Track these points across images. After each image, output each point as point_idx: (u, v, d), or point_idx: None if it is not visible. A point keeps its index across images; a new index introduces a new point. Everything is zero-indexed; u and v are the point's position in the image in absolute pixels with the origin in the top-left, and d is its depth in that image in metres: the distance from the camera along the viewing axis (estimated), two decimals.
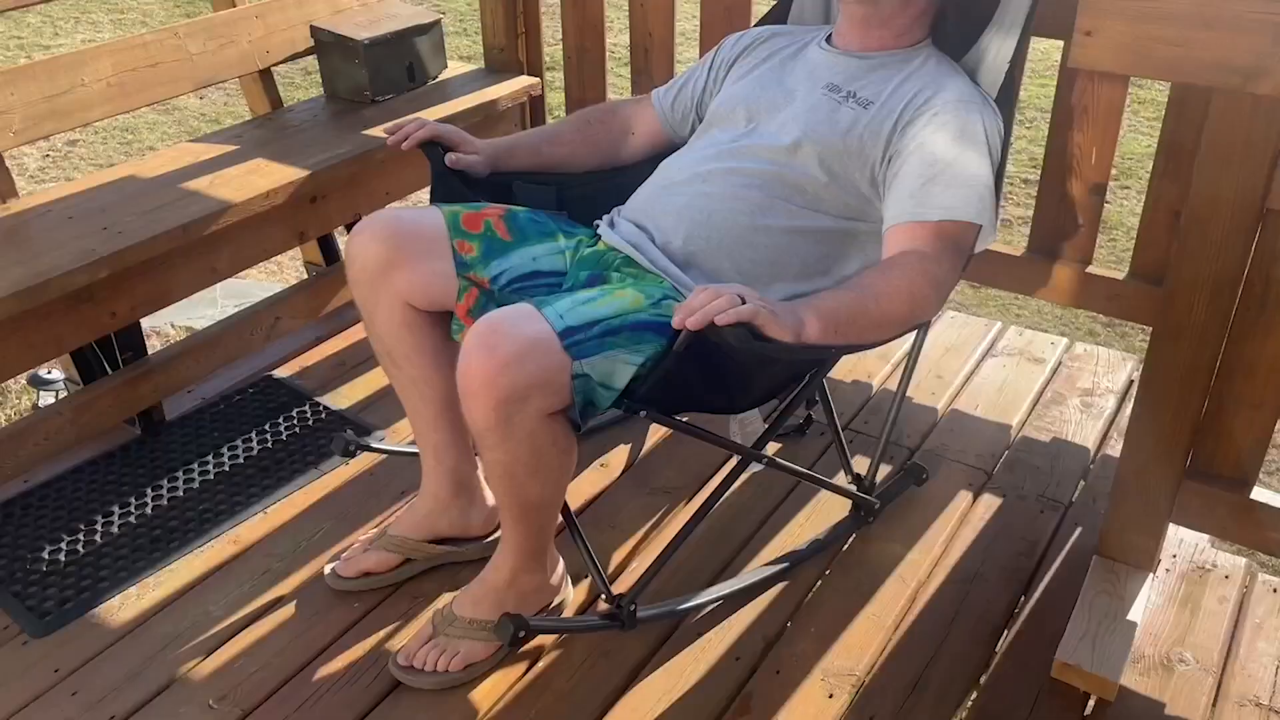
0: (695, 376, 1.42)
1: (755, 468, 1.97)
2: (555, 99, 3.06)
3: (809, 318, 1.36)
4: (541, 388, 1.38)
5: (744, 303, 1.28)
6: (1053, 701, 1.62)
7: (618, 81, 4.38)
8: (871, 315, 1.43)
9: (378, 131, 2.42)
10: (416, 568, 1.83)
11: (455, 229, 1.67)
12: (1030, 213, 2.31)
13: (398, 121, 1.81)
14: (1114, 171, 2.07)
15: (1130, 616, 1.70)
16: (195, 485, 2.05)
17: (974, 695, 1.64)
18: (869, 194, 1.63)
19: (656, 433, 2.20)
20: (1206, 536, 1.90)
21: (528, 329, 1.38)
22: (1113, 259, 3.62)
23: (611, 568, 1.87)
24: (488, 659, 1.66)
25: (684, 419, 1.57)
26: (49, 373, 2.73)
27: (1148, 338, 1.64)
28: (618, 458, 2.13)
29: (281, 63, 2.55)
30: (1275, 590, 1.82)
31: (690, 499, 2.02)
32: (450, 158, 1.78)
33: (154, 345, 3.12)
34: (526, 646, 1.70)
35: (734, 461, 1.69)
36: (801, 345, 1.35)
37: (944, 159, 1.54)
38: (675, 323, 1.28)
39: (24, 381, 2.95)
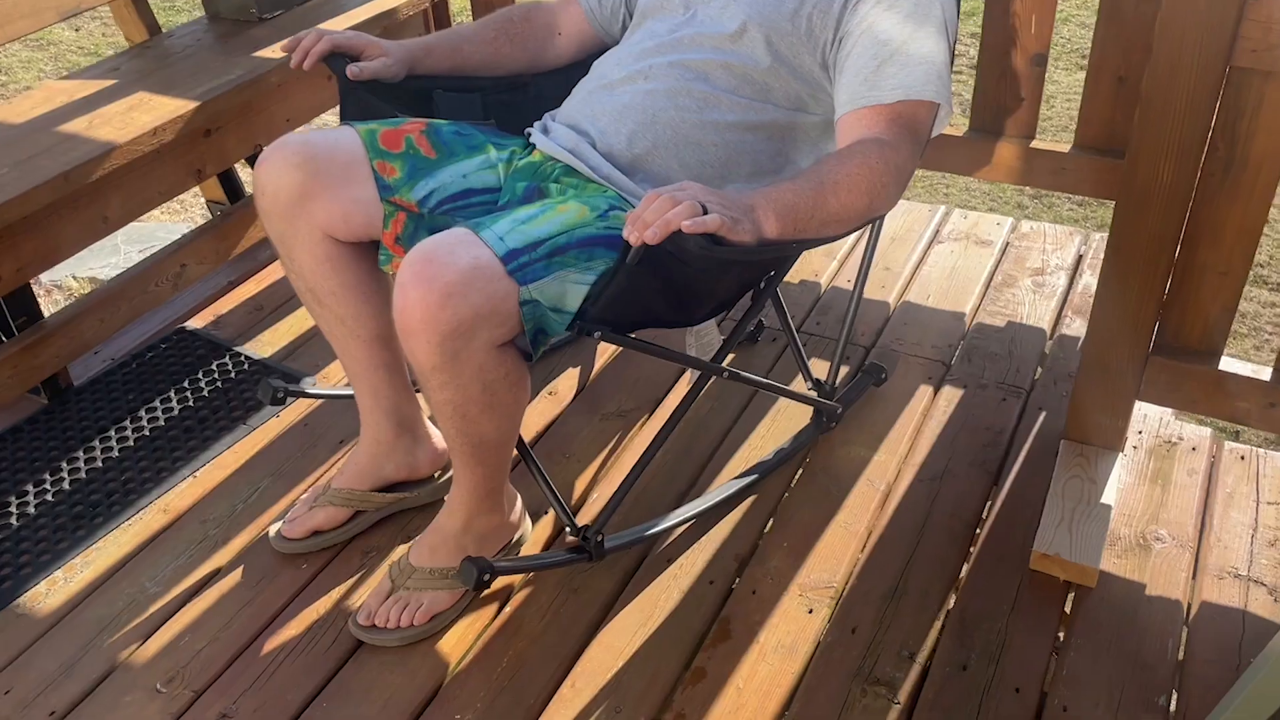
0: (649, 291, 1.33)
1: (710, 381, 1.89)
2: (458, 4, 2.88)
3: (768, 217, 1.28)
4: (488, 318, 1.28)
5: (704, 210, 1.18)
6: (1034, 594, 1.59)
7: None
8: (830, 209, 1.34)
9: (270, 52, 2.22)
10: (367, 520, 1.73)
11: (374, 149, 1.53)
12: None
13: (295, 37, 1.64)
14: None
15: (1104, 499, 1.67)
16: (114, 454, 1.91)
17: (954, 596, 1.61)
18: (820, 78, 1.53)
19: (604, 355, 2.10)
20: (1171, 410, 1.87)
21: (466, 255, 1.27)
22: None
23: (572, 500, 1.78)
24: (452, 608, 1.58)
25: (638, 336, 1.48)
26: None
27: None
28: (566, 384, 2.03)
29: None
30: (1243, 458, 1.80)
31: (645, 422, 1.94)
32: (352, 69, 1.61)
33: (57, 301, 2.92)
34: (493, 590, 1.63)
35: (689, 378, 1.60)
36: (762, 245, 1.27)
37: (898, 38, 1.44)
38: (628, 235, 1.18)
39: None
